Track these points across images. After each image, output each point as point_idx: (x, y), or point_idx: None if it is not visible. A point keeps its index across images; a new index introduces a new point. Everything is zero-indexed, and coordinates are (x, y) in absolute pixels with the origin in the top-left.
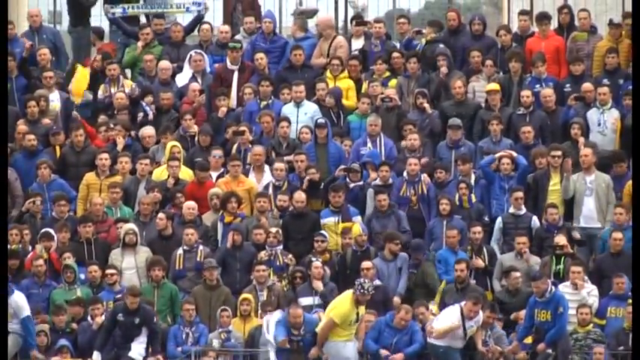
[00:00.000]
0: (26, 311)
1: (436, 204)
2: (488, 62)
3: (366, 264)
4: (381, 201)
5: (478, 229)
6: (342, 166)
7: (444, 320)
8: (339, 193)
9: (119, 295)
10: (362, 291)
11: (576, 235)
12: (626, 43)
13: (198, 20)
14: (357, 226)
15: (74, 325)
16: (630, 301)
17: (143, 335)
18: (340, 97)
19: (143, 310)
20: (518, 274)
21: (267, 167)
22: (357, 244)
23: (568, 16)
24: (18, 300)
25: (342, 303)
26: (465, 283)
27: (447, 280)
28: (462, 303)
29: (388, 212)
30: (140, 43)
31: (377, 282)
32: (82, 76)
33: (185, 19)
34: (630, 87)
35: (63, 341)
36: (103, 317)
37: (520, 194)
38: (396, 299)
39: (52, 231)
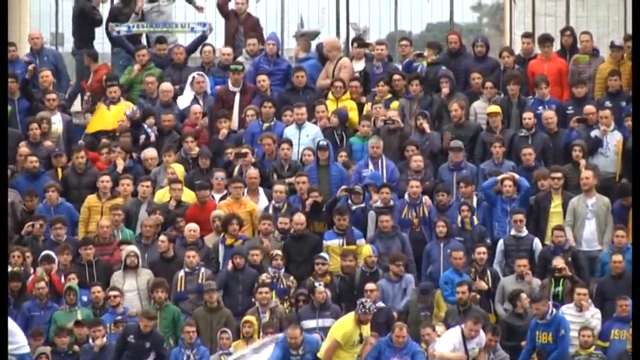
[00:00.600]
0: (25, 347)
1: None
2: (488, 84)
3: (369, 286)
4: (384, 222)
5: (482, 249)
6: (344, 187)
7: (446, 342)
8: (344, 216)
9: (120, 317)
10: (363, 310)
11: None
12: (627, 66)
13: (202, 41)
14: (368, 247)
15: (76, 348)
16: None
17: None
18: (346, 118)
19: (154, 335)
20: (525, 296)
21: (261, 190)
22: (366, 265)
23: (571, 39)
24: (13, 329)
25: (345, 323)
26: (467, 306)
27: (452, 301)
28: (463, 325)
29: (392, 234)
30: (136, 66)
31: (380, 304)
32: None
33: (187, 40)
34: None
35: None
36: (105, 339)
37: (521, 216)
38: (395, 316)
39: (52, 254)
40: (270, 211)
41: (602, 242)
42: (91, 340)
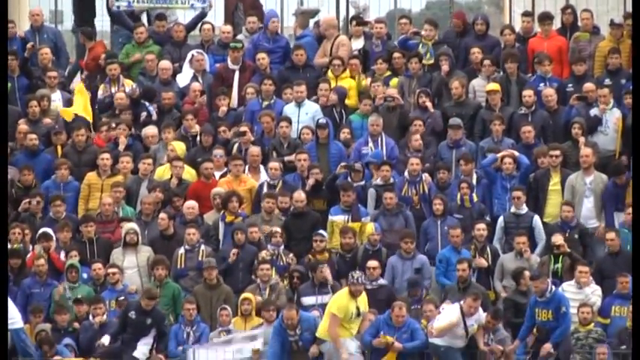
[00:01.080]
0: (18, 322)
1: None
2: (487, 62)
3: (371, 263)
4: (388, 199)
5: (482, 226)
6: (343, 163)
7: (444, 318)
8: (349, 192)
9: (121, 295)
10: (352, 281)
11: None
12: (627, 44)
13: (201, 18)
14: (371, 225)
15: (76, 325)
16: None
17: (150, 336)
18: (344, 96)
19: (156, 311)
20: (528, 273)
21: (262, 168)
22: (369, 243)
23: (571, 17)
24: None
25: (339, 297)
26: (467, 283)
27: (442, 282)
28: (462, 301)
29: (395, 211)
30: (137, 55)
31: (381, 281)
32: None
33: (187, 17)
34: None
35: (67, 340)
36: (105, 317)
37: (520, 193)
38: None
39: (50, 231)
40: (265, 188)
41: (601, 219)
42: (91, 317)
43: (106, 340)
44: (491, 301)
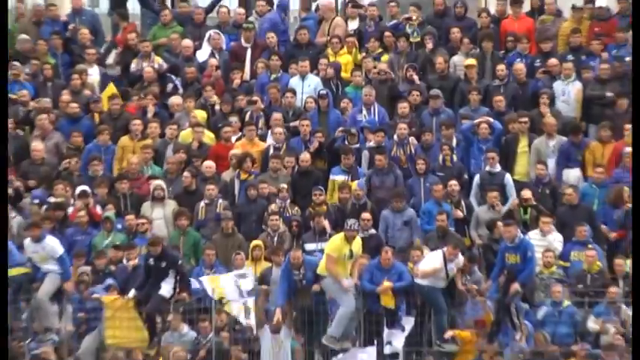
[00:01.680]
0: (60, 251)
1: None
2: (465, 40)
3: (365, 215)
4: (381, 160)
5: (454, 182)
6: (342, 128)
7: (428, 263)
8: (349, 155)
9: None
10: (347, 227)
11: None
12: (586, 24)
13: (218, 2)
14: (355, 183)
15: (112, 268)
16: (590, 246)
17: (171, 277)
18: (339, 70)
19: (169, 256)
20: (501, 224)
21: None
22: (355, 198)
23: (538, 1)
24: (51, 242)
25: (334, 240)
26: (445, 231)
27: (426, 230)
28: (444, 248)
29: (387, 170)
30: (163, 39)
31: (372, 231)
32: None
33: (206, 2)
34: (591, 62)
35: (110, 280)
36: (137, 261)
37: (493, 154)
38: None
39: (87, 188)
40: (271, 150)
41: (561, 177)
42: (125, 261)
43: (132, 293)
44: (467, 247)
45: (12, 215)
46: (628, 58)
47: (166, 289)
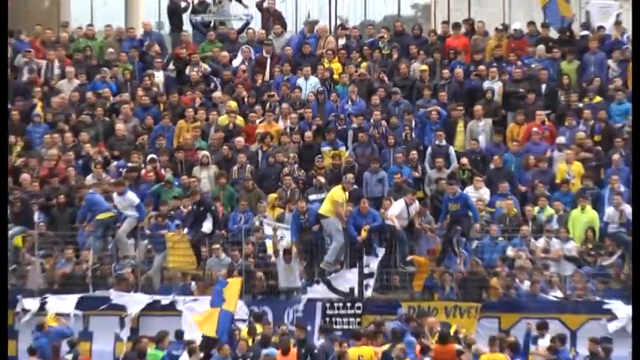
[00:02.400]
0: (136, 201)
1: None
2: (421, 52)
3: (349, 175)
4: (362, 136)
5: (413, 152)
6: (334, 114)
7: (395, 208)
8: (331, 133)
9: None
10: (345, 181)
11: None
12: (505, 41)
13: (247, 25)
14: (345, 152)
15: (172, 212)
16: (509, 197)
17: (209, 219)
18: (332, 73)
19: (205, 203)
20: (444, 181)
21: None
22: (346, 163)
23: (470, 26)
24: (130, 195)
25: (336, 189)
26: (399, 186)
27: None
28: (405, 197)
29: (366, 143)
30: (209, 53)
31: (355, 186)
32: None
33: (238, 25)
34: (509, 68)
35: (177, 222)
36: (190, 207)
37: (441, 132)
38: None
39: (155, 156)
40: (288, 130)
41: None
42: (182, 207)
43: (185, 230)
44: (422, 197)
45: (104, 176)
46: (534, 65)
47: (207, 226)
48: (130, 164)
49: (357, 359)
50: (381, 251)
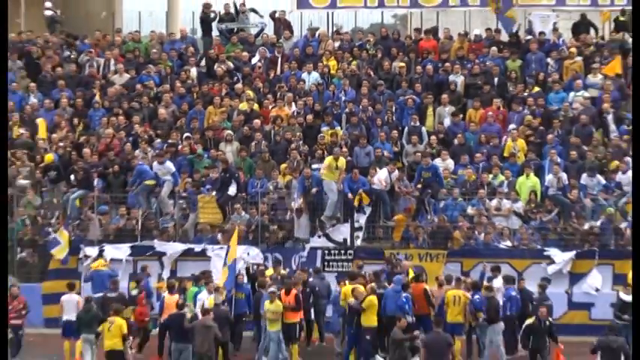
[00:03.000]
0: (173, 169)
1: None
2: (400, 52)
3: (344, 149)
4: (354, 119)
5: (394, 132)
6: (330, 101)
7: (380, 175)
8: (329, 116)
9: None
10: (334, 153)
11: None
12: (466, 44)
13: (262, 31)
14: (340, 131)
15: (203, 179)
16: (469, 167)
17: (233, 184)
18: (330, 69)
19: (230, 171)
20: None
21: (293, 104)
22: (341, 139)
23: (438, 31)
24: (169, 164)
25: (328, 159)
26: (380, 159)
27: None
28: (388, 167)
29: (356, 125)
30: (234, 53)
31: (348, 158)
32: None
33: (254, 30)
34: (469, 65)
35: (207, 186)
36: (217, 174)
37: (415, 116)
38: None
39: (189, 134)
40: (295, 114)
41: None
42: (210, 174)
43: (213, 192)
44: (400, 167)
45: (149, 150)
46: (488, 63)
47: (232, 190)
48: (169, 141)
49: (350, 292)
50: (368, 210)
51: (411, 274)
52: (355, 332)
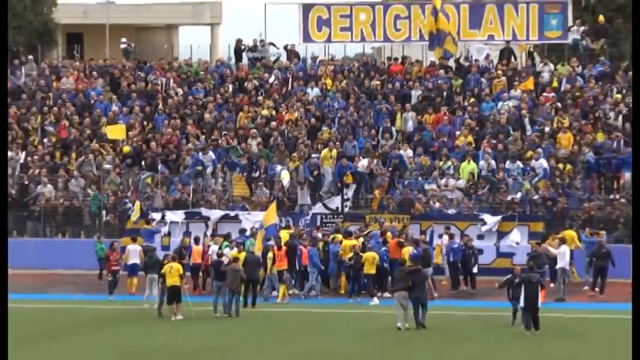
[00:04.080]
0: (214, 156)
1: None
2: (377, 75)
3: (331, 144)
4: (343, 121)
5: (372, 130)
6: (326, 108)
7: (362, 162)
8: (326, 120)
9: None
10: (329, 145)
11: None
12: (424, 68)
13: (278, 58)
14: (334, 130)
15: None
16: (426, 156)
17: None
18: (326, 86)
19: (253, 158)
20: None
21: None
22: (335, 136)
23: (403, 59)
24: (210, 154)
25: (325, 149)
26: (368, 149)
27: None
28: (368, 156)
29: (345, 125)
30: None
31: (340, 149)
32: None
33: (273, 58)
34: (426, 83)
35: (238, 169)
36: (246, 161)
37: (387, 120)
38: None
39: (226, 132)
40: (301, 118)
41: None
42: (241, 161)
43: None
44: (377, 156)
45: (197, 143)
46: (439, 81)
47: (257, 172)
48: (212, 137)
49: (348, 248)
50: (353, 186)
51: (388, 232)
52: (355, 276)
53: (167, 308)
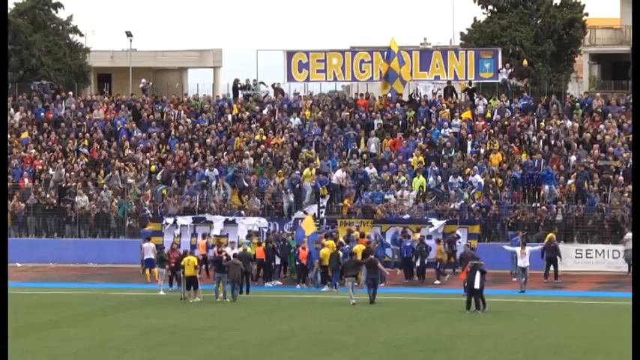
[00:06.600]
0: (217, 172)
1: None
2: (346, 107)
3: (311, 164)
4: (320, 145)
5: (344, 152)
6: (306, 134)
7: (337, 175)
8: (306, 143)
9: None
10: (309, 164)
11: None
12: (383, 101)
13: (267, 95)
14: (313, 152)
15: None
16: (387, 172)
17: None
18: (306, 116)
19: (247, 174)
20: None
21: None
22: (313, 156)
23: (367, 94)
24: (214, 171)
25: (305, 168)
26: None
27: None
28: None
29: (323, 148)
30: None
31: (317, 167)
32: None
33: (263, 94)
34: (385, 113)
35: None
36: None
37: (355, 143)
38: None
39: (225, 153)
40: (287, 141)
41: None
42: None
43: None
44: (348, 172)
45: (203, 161)
46: (396, 112)
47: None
48: (215, 157)
49: (330, 250)
50: (328, 196)
51: (357, 235)
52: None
53: (187, 294)
